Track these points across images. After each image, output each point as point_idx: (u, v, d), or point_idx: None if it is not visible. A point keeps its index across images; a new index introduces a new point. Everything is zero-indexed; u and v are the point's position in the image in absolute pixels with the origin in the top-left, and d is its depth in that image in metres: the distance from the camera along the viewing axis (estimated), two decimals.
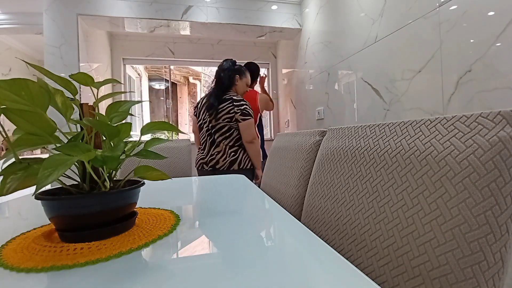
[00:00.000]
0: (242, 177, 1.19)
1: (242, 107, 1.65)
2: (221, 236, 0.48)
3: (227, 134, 1.67)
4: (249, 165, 1.71)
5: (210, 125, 1.69)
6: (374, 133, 0.57)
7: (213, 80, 1.78)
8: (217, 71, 1.78)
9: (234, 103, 1.64)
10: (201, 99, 1.80)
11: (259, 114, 2.47)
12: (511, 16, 0.88)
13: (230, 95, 1.68)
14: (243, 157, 1.69)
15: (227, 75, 1.73)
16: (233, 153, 1.67)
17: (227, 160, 1.65)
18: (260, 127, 2.51)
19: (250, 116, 1.67)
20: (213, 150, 1.68)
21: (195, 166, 1.76)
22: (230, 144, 1.68)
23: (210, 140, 1.70)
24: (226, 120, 1.64)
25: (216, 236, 0.48)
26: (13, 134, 0.42)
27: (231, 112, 1.63)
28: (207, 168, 1.68)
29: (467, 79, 1.03)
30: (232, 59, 1.82)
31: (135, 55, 2.99)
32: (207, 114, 1.69)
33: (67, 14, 2.10)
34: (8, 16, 2.60)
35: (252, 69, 2.63)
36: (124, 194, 0.47)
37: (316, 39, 2.29)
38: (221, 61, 1.82)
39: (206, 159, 1.69)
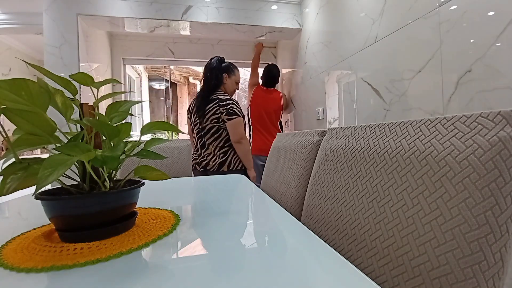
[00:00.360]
0: (242, 177, 1.19)
1: (228, 106, 1.62)
2: (221, 236, 0.48)
3: (216, 135, 1.65)
4: (239, 166, 1.68)
5: (200, 127, 1.68)
6: (374, 133, 0.57)
7: (201, 79, 1.76)
8: (204, 70, 1.74)
9: (220, 103, 1.62)
10: (192, 101, 1.79)
11: (281, 112, 2.68)
12: (511, 16, 0.88)
13: (217, 95, 1.65)
14: (233, 158, 1.67)
15: (215, 74, 1.70)
16: (222, 154, 1.65)
17: (217, 162, 1.63)
18: (281, 124, 2.70)
19: (237, 115, 1.63)
20: (204, 152, 1.68)
21: (191, 167, 1.77)
22: (220, 145, 1.66)
23: (201, 143, 1.69)
24: (214, 121, 1.63)
25: (216, 236, 0.48)
26: (13, 134, 0.42)
27: (217, 112, 1.61)
28: (199, 168, 1.68)
29: (467, 79, 1.03)
30: (220, 57, 1.79)
31: (135, 55, 2.99)
32: (196, 116, 1.68)
33: (67, 14, 2.10)
34: (8, 16, 2.59)
35: (274, 72, 2.74)
36: (124, 194, 0.47)
37: (316, 39, 2.29)
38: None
39: (198, 160, 1.69)
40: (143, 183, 0.51)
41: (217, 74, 1.72)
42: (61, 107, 0.45)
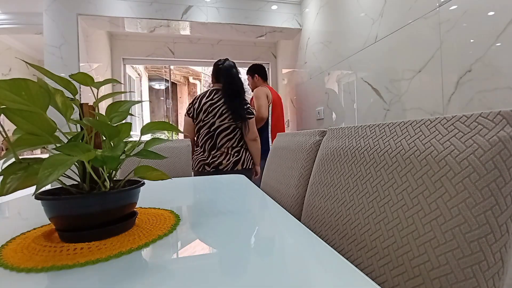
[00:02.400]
0: (242, 177, 1.18)
1: (246, 106, 1.68)
2: (221, 236, 0.48)
3: (231, 136, 1.67)
4: (250, 164, 1.74)
5: (213, 127, 1.67)
6: (374, 133, 0.57)
7: (225, 81, 1.69)
8: (228, 72, 1.70)
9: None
10: (196, 99, 1.73)
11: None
12: (511, 16, 0.88)
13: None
14: (246, 156, 1.71)
15: (240, 81, 1.72)
16: (236, 153, 1.68)
17: (231, 161, 1.65)
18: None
19: (253, 114, 1.72)
20: (215, 152, 1.67)
21: (194, 168, 1.72)
22: (234, 145, 1.68)
23: (211, 143, 1.67)
24: (232, 119, 1.65)
25: (216, 236, 0.48)
26: (13, 134, 0.42)
27: None
28: (209, 169, 1.66)
29: (467, 79, 1.03)
30: (232, 62, 1.78)
31: (135, 55, 2.99)
32: (210, 116, 1.66)
33: (67, 14, 2.10)
34: (8, 16, 2.59)
35: (264, 71, 2.52)
36: (124, 194, 0.47)
37: (316, 39, 2.29)
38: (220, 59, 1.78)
39: (208, 161, 1.67)
40: (143, 183, 0.51)
41: (241, 81, 1.73)
42: (61, 107, 0.45)
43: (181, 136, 3.61)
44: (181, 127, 2.01)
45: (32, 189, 0.35)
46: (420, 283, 0.38)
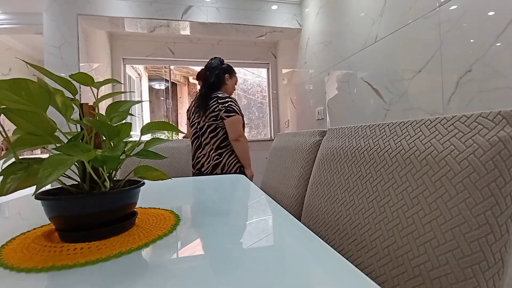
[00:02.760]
0: (242, 177, 1.18)
1: (226, 104, 1.61)
2: (221, 236, 0.48)
3: (213, 134, 1.64)
4: (233, 169, 1.65)
5: (198, 126, 1.67)
6: (374, 133, 0.57)
7: (200, 80, 1.74)
8: (203, 70, 1.74)
9: (219, 101, 1.61)
10: (191, 102, 1.79)
11: None
12: (511, 16, 0.88)
13: (216, 94, 1.66)
14: (228, 161, 1.64)
15: (215, 74, 1.70)
16: (217, 156, 1.63)
17: (210, 164, 1.63)
18: None
19: (235, 112, 1.62)
20: (199, 153, 1.67)
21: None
22: (216, 145, 1.64)
23: (197, 143, 1.68)
24: (212, 118, 1.62)
25: (216, 236, 0.48)
26: (13, 134, 0.42)
27: (215, 110, 1.61)
28: (194, 171, 1.66)
29: (467, 79, 1.03)
30: (220, 58, 1.78)
31: (135, 55, 2.99)
32: (196, 115, 1.68)
33: (67, 14, 2.10)
34: (8, 16, 2.60)
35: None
36: (124, 194, 0.47)
37: (316, 39, 2.29)
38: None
39: (193, 162, 1.68)
40: (143, 183, 0.51)
41: (219, 73, 1.72)
42: (61, 107, 0.45)
43: (181, 136, 3.62)
44: (181, 127, 2.00)
45: (32, 189, 0.35)
46: (420, 283, 0.38)
